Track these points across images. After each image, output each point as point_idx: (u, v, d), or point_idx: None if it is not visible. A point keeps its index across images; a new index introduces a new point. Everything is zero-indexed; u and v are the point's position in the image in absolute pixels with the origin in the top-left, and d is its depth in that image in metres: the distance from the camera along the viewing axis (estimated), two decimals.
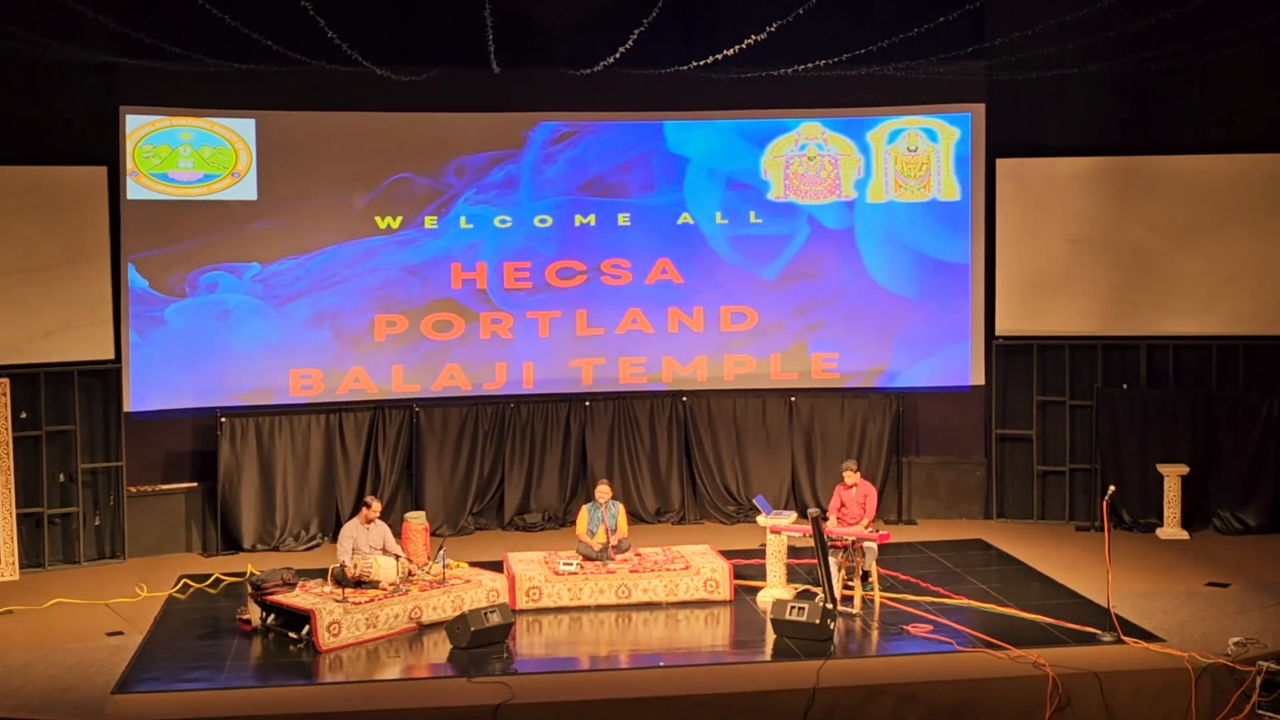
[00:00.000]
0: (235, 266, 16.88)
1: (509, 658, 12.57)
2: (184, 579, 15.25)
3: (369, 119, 17.17)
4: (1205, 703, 11.67)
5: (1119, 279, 17.41)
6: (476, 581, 13.93)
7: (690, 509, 18.06)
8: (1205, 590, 14.34)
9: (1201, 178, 17.21)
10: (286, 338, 17.11)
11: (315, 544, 16.90)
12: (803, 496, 17.82)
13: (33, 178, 15.77)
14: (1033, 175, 17.52)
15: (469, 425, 17.62)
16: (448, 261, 17.54)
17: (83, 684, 11.83)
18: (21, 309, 15.72)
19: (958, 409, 18.04)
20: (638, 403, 17.99)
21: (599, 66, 14.97)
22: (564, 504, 17.80)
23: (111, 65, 15.67)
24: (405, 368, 17.50)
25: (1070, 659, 11.98)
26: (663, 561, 14.50)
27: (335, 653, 12.70)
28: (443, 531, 17.05)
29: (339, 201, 17.21)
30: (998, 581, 14.78)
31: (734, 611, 14.03)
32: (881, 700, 11.54)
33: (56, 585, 15.13)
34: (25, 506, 15.77)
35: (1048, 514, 17.69)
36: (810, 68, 15.53)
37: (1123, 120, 17.44)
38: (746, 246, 18.00)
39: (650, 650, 13.04)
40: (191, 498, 16.82)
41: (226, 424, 16.61)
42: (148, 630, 13.47)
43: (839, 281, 18.04)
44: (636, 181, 17.88)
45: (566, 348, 17.89)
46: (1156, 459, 16.99)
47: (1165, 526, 16.79)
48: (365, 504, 14.09)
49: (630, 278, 17.92)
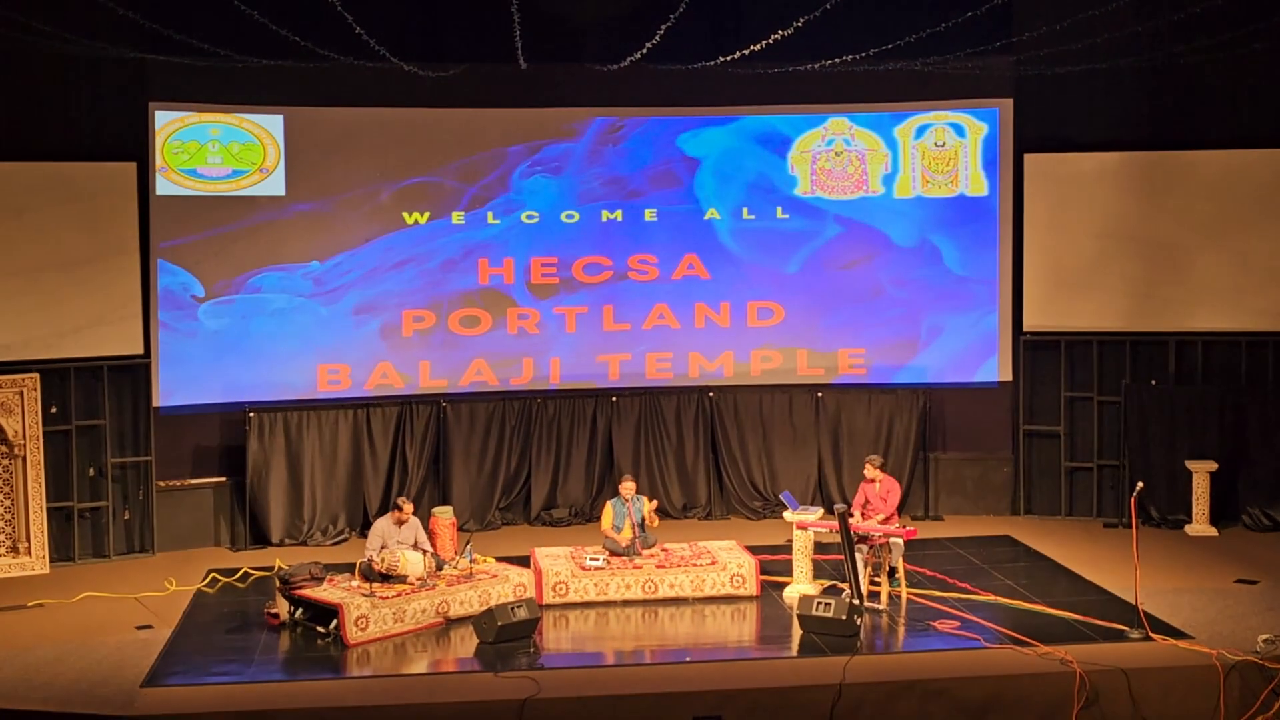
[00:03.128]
0: (263, 264, 16.93)
1: (535, 652, 12.59)
2: (212, 573, 15.31)
3: (397, 115, 17.21)
4: (1234, 700, 11.62)
5: (1147, 274, 17.34)
6: (503, 576, 13.96)
7: (717, 504, 18.06)
8: (1234, 587, 14.28)
9: (1231, 172, 17.12)
10: (314, 333, 17.16)
11: (343, 539, 16.96)
12: (829, 492, 17.80)
13: (63, 173, 15.85)
14: (1060, 170, 17.46)
15: (496, 420, 17.65)
16: (475, 257, 17.57)
17: (112, 677, 11.90)
18: (51, 304, 15.80)
19: (985, 405, 17.99)
20: (664, 398, 18.00)
21: (626, 62, 14.98)
22: (590, 499, 17.81)
23: (141, 61, 15.75)
24: (432, 363, 17.54)
25: (1098, 656, 11.95)
26: (689, 557, 14.51)
27: (363, 647, 12.74)
28: (469, 526, 17.08)
29: (367, 197, 17.25)
30: (1025, 578, 14.75)
31: (760, 607, 14.03)
32: (908, 697, 11.53)
33: (86, 579, 15.22)
34: (55, 501, 15.86)
35: (1075, 510, 17.64)
36: (837, 63, 15.51)
37: (1151, 115, 17.35)
38: (773, 242, 17.98)
39: (676, 645, 13.06)
40: (220, 492, 16.90)
41: (255, 419, 16.68)
42: (176, 624, 13.54)
43: (866, 277, 18.01)
44: (663, 178, 17.86)
45: (593, 343, 17.90)
46: (1185, 455, 16.92)
47: (1194, 523, 16.72)
48: (397, 506, 14.10)
49: (657, 273, 17.92)
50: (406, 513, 14.03)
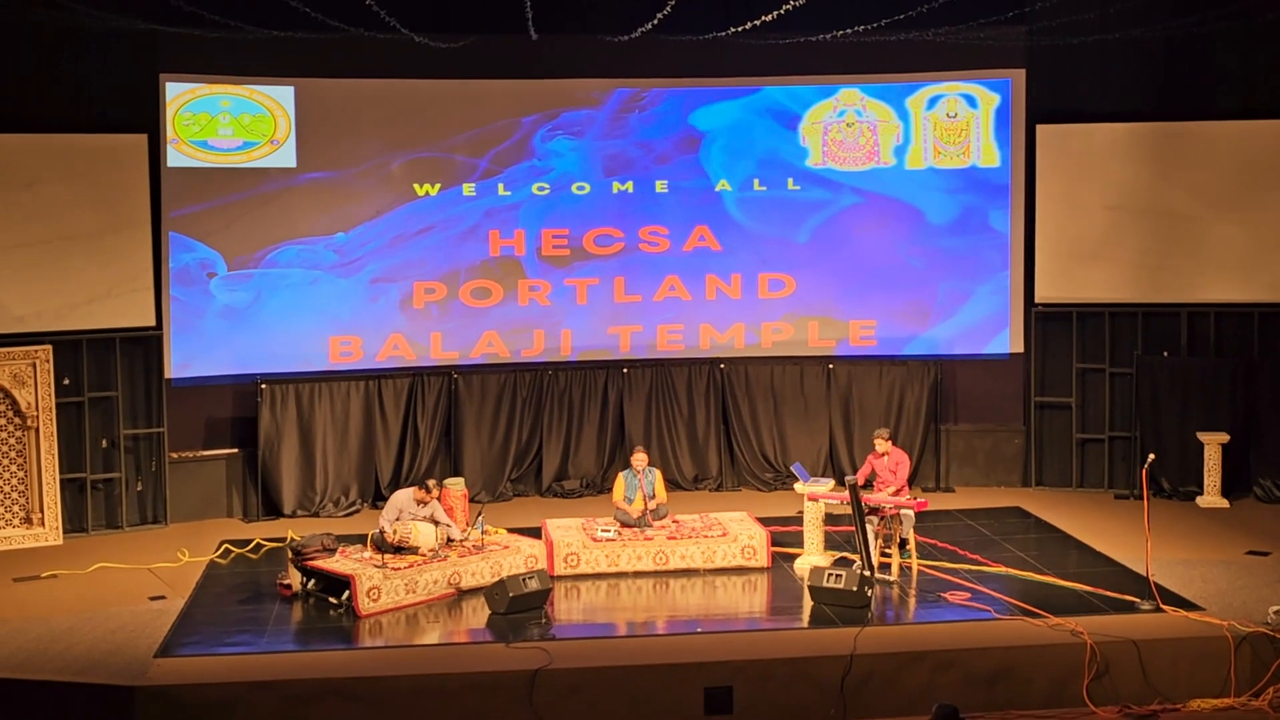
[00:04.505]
0: (276, 238, 16.93)
1: (547, 623, 12.63)
2: (225, 544, 15.37)
3: (407, 86, 17.17)
4: (1245, 671, 11.63)
5: (1160, 246, 17.28)
6: (515, 548, 13.99)
7: (728, 476, 18.08)
8: (1245, 559, 14.28)
9: (1244, 143, 17.04)
10: (326, 305, 17.16)
11: (355, 510, 17.00)
12: (840, 464, 17.81)
13: (74, 145, 15.85)
14: (1073, 141, 17.39)
15: (507, 392, 17.67)
16: (486, 229, 17.56)
17: (126, 647, 11.96)
18: (63, 276, 15.83)
19: (996, 376, 17.97)
20: (675, 370, 18.00)
21: (637, 33, 14.91)
22: (602, 471, 17.84)
23: (151, 33, 15.69)
24: (444, 335, 17.55)
25: (1108, 627, 11.97)
26: (700, 528, 14.54)
27: (375, 618, 12.79)
28: (481, 498, 17.12)
29: (377, 169, 17.24)
30: (1036, 549, 14.76)
31: (771, 578, 14.05)
32: (919, 667, 11.55)
33: (99, 550, 15.28)
34: (68, 472, 15.93)
35: (1086, 482, 17.63)
36: (849, 33, 15.43)
37: (1165, 85, 17.27)
38: (785, 214, 17.94)
39: (688, 616, 13.08)
40: (232, 463, 16.94)
41: (267, 390, 16.71)
42: (189, 595, 13.59)
43: (877, 248, 17.97)
44: (674, 149, 17.83)
45: (604, 315, 17.90)
46: (1197, 427, 16.90)
47: (1205, 495, 16.71)
48: (425, 486, 13.99)
49: (668, 245, 17.90)
50: (432, 497, 13.96)
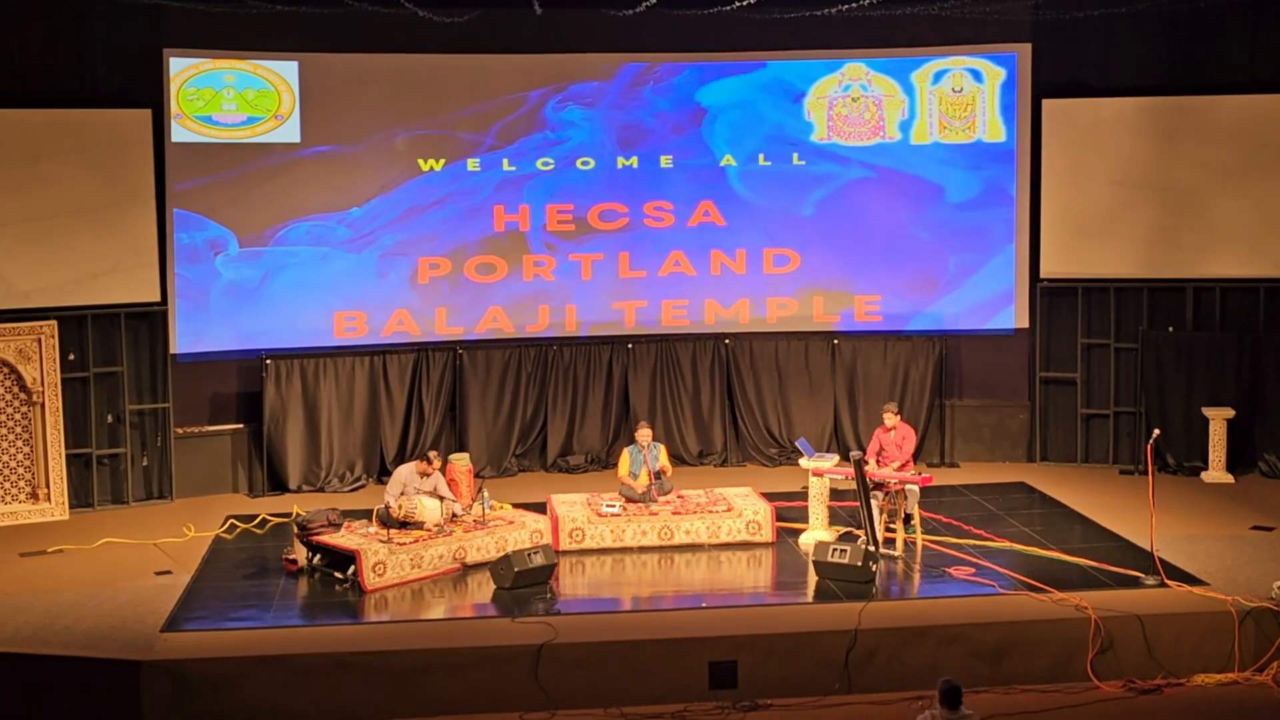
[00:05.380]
0: (282, 214, 16.90)
1: (552, 598, 12.65)
2: (231, 519, 15.40)
3: (411, 61, 17.12)
4: (1248, 646, 11.65)
5: (1166, 221, 17.24)
6: (520, 523, 14.01)
7: (732, 451, 18.08)
8: (1250, 534, 14.28)
9: (1250, 118, 16.98)
10: (331, 281, 17.15)
11: (360, 485, 17.02)
12: (845, 439, 17.81)
13: (78, 120, 15.83)
14: (1079, 116, 17.33)
15: (512, 367, 17.67)
16: (490, 204, 17.53)
17: (132, 622, 11.99)
18: (68, 251, 15.82)
19: (1001, 352, 17.95)
20: (680, 345, 17.99)
21: (641, 7, 14.86)
22: (607, 446, 17.84)
23: (155, 8, 15.68)
24: (449, 310, 17.54)
25: (1113, 602, 11.97)
26: (705, 504, 14.55)
27: (380, 593, 12.81)
28: (486, 473, 17.13)
29: (382, 144, 17.20)
30: (1040, 524, 14.76)
31: (776, 553, 14.07)
32: (923, 642, 11.57)
33: (105, 525, 15.31)
34: (74, 447, 15.96)
35: (1091, 457, 17.63)
36: (854, 7, 15.37)
37: (1171, 60, 17.20)
38: (790, 189, 17.90)
39: (692, 591, 13.10)
40: (237, 439, 16.95)
41: (272, 366, 16.71)
42: (195, 569, 13.62)
43: (883, 224, 17.93)
44: (679, 124, 17.79)
45: (609, 290, 17.88)
46: (1202, 402, 16.88)
47: (1210, 470, 16.70)
48: (426, 458, 14.06)
49: (673, 220, 17.87)
50: (434, 468, 14.01)
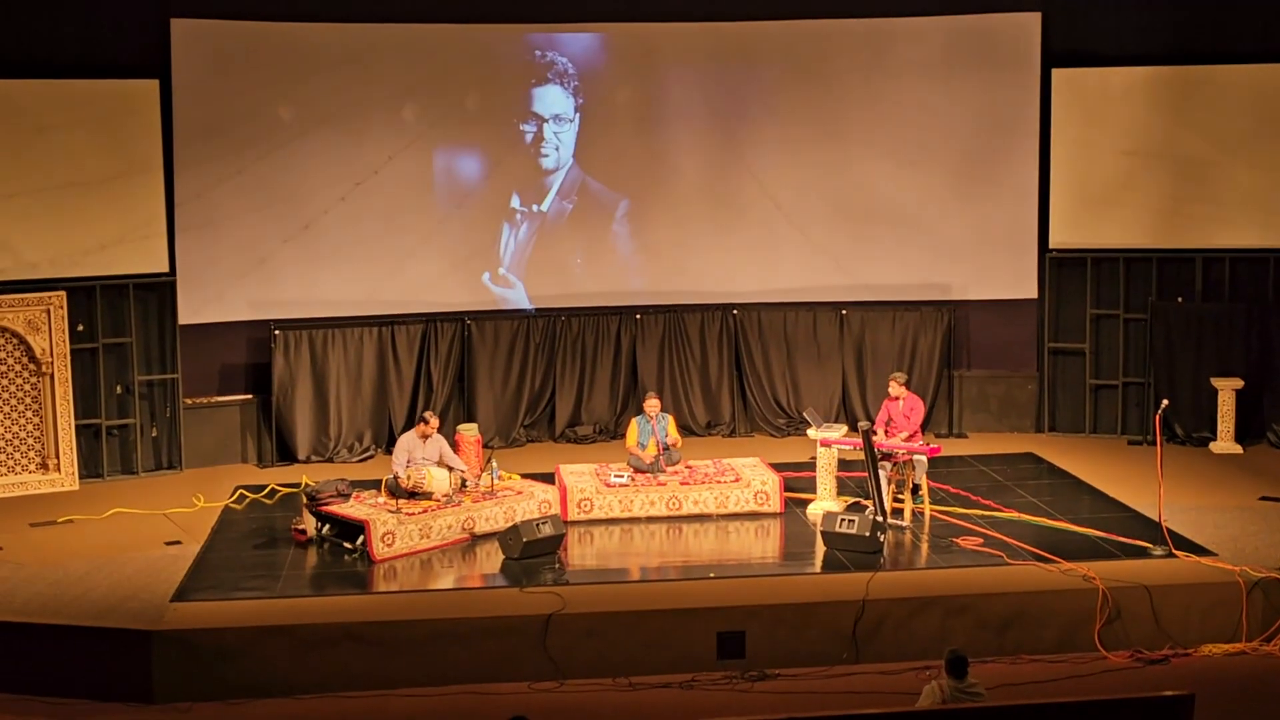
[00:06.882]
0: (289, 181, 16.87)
1: (560, 568, 12.68)
2: (240, 489, 15.43)
3: (418, 30, 17.03)
4: (1256, 616, 11.66)
5: (1175, 191, 17.18)
6: (528, 493, 14.04)
7: (741, 422, 18.09)
8: (1258, 504, 14.28)
9: (1261, 87, 16.90)
10: (340, 250, 17.12)
11: (369, 455, 17.05)
12: (853, 409, 17.80)
13: (86, 90, 15.80)
14: (1089, 85, 17.26)
15: (520, 338, 17.67)
16: (500, 173, 17.49)
17: (142, 592, 12.03)
18: (76, 222, 15.82)
19: (1010, 322, 17.92)
20: (688, 316, 17.98)
21: None
22: (615, 416, 17.86)
23: None
24: (457, 280, 17.52)
25: (1121, 572, 11.98)
26: (713, 474, 14.56)
27: (389, 563, 12.84)
28: (494, 443, 17.15)
29: (389, 113, 17.15)
30: (1048, 495, 14.77)
31: (784, 524, 14.09)
32: (931, 613, 11.59)
33: (115, 495, 15.36)
34: (84, 418, 15.99)
35: (1099, 428, 17.62)
36: None
37: (1181, 28, 17.11)
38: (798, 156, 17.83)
39: (700, 562, 13.13)
40: (246, 409, 16.98)
41: (280, 336, 16.72)
42: (205, 540, 13.67)
43: (891, 193, 17.86)
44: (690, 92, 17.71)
45: (618, 260, 17.85)
46: (1211, 373, 16.86)
47: (1218, 440, 16.70)
48: (423, 419, 14.14)
49: (682, 190, 17.81)
50: (432, 427, 14.06)
